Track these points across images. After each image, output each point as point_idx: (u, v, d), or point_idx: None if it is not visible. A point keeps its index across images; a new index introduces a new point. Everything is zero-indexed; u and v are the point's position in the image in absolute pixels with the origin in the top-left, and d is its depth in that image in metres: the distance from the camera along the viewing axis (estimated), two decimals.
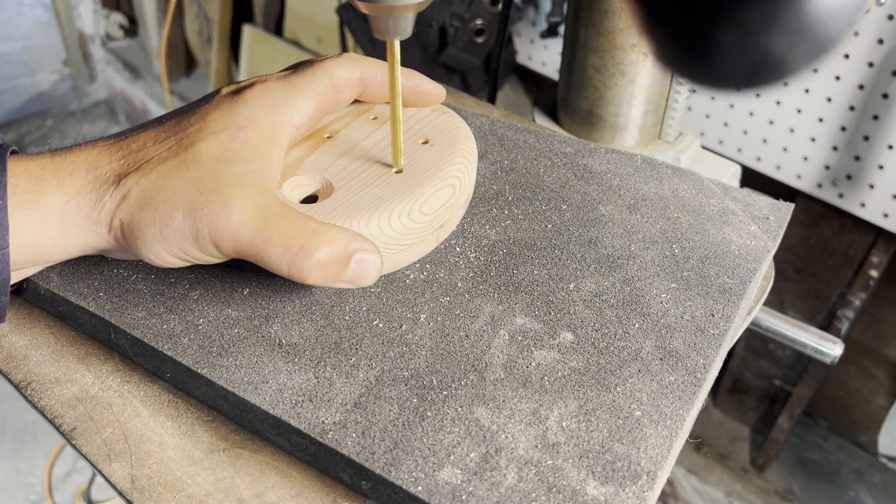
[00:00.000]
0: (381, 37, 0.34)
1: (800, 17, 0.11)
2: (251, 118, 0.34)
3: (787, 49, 0.12)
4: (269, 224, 0.31)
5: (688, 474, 1.23)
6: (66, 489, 1.35)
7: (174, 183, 0.32)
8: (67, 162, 0.33)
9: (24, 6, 2.03)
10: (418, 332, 0.35)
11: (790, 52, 0.12)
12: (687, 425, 0.32)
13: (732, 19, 0.12)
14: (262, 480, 0.32)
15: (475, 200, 0.43)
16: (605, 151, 0.47)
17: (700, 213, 0.42)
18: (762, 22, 0.11)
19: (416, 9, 0.33)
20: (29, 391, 0.35)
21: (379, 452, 0.30)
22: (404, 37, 0.34)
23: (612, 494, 0.29)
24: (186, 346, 0.34)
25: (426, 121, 0.41)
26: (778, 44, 0.12)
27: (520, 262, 0.39)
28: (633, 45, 0.55)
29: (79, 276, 0.38)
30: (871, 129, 0.83)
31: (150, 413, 0.34)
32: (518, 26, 1.07)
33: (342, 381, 0.33)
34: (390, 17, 0.33)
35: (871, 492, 1.17)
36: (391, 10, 0.33)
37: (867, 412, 1.15)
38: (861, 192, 0.88)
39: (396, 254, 0.36)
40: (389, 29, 0.33)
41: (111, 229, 0.32)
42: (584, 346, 0.34)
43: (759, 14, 0.11)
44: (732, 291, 0.37)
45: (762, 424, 1.25)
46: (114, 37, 2.11)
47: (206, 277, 0.37)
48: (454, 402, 0.32)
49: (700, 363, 0.34)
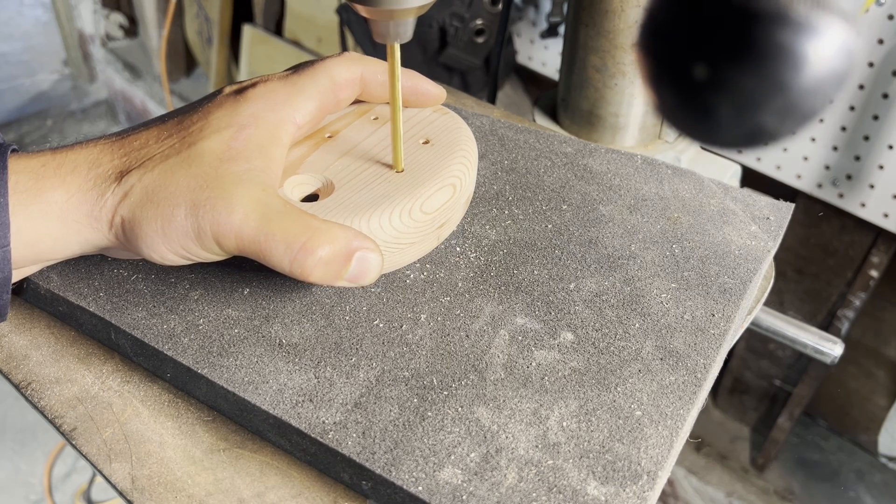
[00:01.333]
0: (381, 40, 0.34)
1: (788, 99, 0.14)
2: (254, 117, 0.34)
3: (777, 123, 0.14)
4: (272, 221, 0.31)
5: (688, 474, 1.23)
6: (66, 489, 1.35)
7: (176, 180, 0.32)
8: (69, 159, 0.33)
9: (24, 6, 2.03)
10: (418, 332, 0.35)
11: (780, 125, 0.14)
12: (687, 425, 0.32)
13: (730, 100, 0.14)
14: (263, 480, 0.32)
15: (475, 200, 0.43)
16: (605, 151, 0.47)
17: (700, 213, 0.42)
18: (755, 103, 0.14)
19: (417, 12, 0.33)
20: (29, 391, 0.35)
21: (379, 452, 0.30)
22: (404, 40, 0.34)
23: (612, 494, 0.29)
24: (187, 346, 0.34)
25: (426, 121, 0.41)
26: (769, 120, 0.14)
27: (520, 262, 0.39)
28: (634, 44, 0.55)
29: (79, 276, 0.38)
30: (871, 129, 0.83)
31: (151, 413, 0.34)
32: (518, 26, 1.07)
33: (342, 381, 0.33)
34: (390, 21, 0.33)
35: (871, 492, 1.17)
36: (391, 15, 0.32)
37: (867, 412, 1.15)
38: (861, 192, 0.88)
39: (397, 253, 0.36)
40: (390, 33, 0.33)
41: (112, 226, 0.32)
42: (584, 346, 0.34)
43: (753, 96, 0.14)
44: (733, 291, 0.37)
45: (762, 424, 1.25)
46: (114, 37, 2.11)
47: (207, 277, 0.37)
48: (454, 402, 0.32)
49: (700, 363, 0.34)
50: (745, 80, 0.14)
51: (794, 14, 0.13)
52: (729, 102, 0.14)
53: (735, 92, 0.14)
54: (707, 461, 1.25)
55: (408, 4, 0.32)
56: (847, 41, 0.13)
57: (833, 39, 0.13)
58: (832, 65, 0.13)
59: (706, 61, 0.14)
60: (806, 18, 0.13)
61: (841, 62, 0.14)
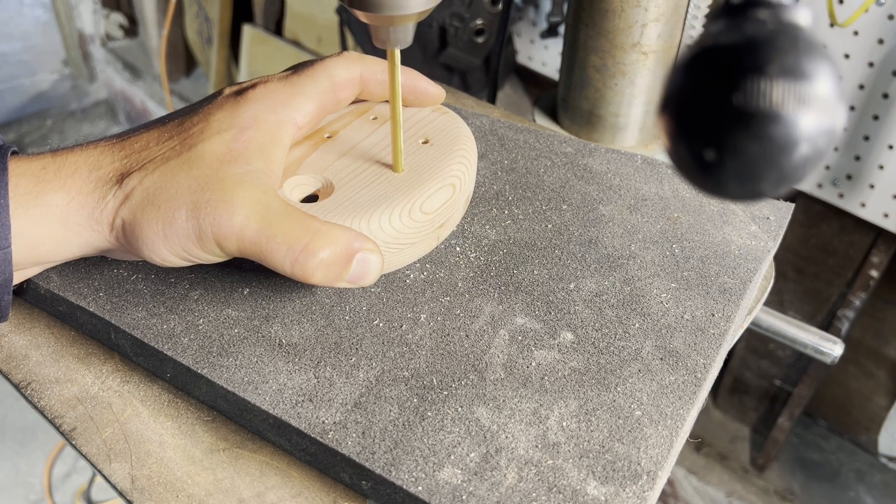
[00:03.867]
0: (381, 46, 0.34)
1: (781, 173, 0.18)
2: (254, 118, 0.34)
3: (773, 188, 0.18)
4: (273, 223, 0.31)
5: (688, 474, 1.23)
6: (66, 489, 1.35)
7: (177, 182, 0.32)
8: (69, 162, 0.33)
9: (24, 6, 2.03)
10: (418, 331, 0.35)
11: (775, 190, 0.18)
12: (687, 425, 0.32)
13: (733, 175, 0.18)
14: (262, 480, 0.32)
15: (475, 200, 0.43)
16: (605, 151, 0.47)
17: (700, 213, 0.42)
18: (754, 177, 0.18)
19: (417, 18, 0.32)
20: (29, 391, 0.35)
21: (379, 452, 0.30)
22: (405, 46, 0.34)
23: (612, 494, 0.29)
24: (186, 346, 0.34)
25: (426, 121, 0.41)
26: (766, 187, 0.18)
27: (520, 262, 0.39)
28: (634, 44, 0.55)
29: (79, 276, 0.38)
30: (871, 129, 0.83)
31: (150, 413, 0.34)
32: (518, 26, 1.07)
33: (342, 381, 0.33)
34: (391, 27, 0.33)
35: (871, 492, 1.17)
36: (392, 21, 0.32)
37: (867, 412, 1.15)
38: (861, 192, 0.88)
39: (397, 253, 0.36)
40: (390, 38, 0.33)
41: (113, 229, 0.32)
42: (584, 345, 0.34)
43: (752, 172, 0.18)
44: (733, 291, 0.37)
45: (762, 424, 1.25)
46: (114, 37, 2.11)
47: (206, 277, 0.37)
48: (454, 401, 0.32)
49: (700, 363, 0.34)
50: (745, 161, 0.18)
51: (784, 112, 0.17)
52: (732, 176, 0.18)
53: (737, 169, 0.18)
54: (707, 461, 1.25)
55: (408, 10, 0.32)
56: (829, 125, 0.17)
57: (816, 127, 0.17)
58: (817, 144, 0.17)
59: (714, 146, 0.18)
60: (794, 116, 0.17)
61: (825, 141, 0.17)
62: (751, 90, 0.17)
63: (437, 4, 0.33)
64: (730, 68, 0.17)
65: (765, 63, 0.17)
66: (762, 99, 0.17)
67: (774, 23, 0.18)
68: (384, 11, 0.31)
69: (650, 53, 0.55)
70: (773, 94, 0.17)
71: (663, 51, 0.56)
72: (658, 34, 0.54)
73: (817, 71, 0.17)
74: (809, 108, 0.17)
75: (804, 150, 0.17)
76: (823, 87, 0.17)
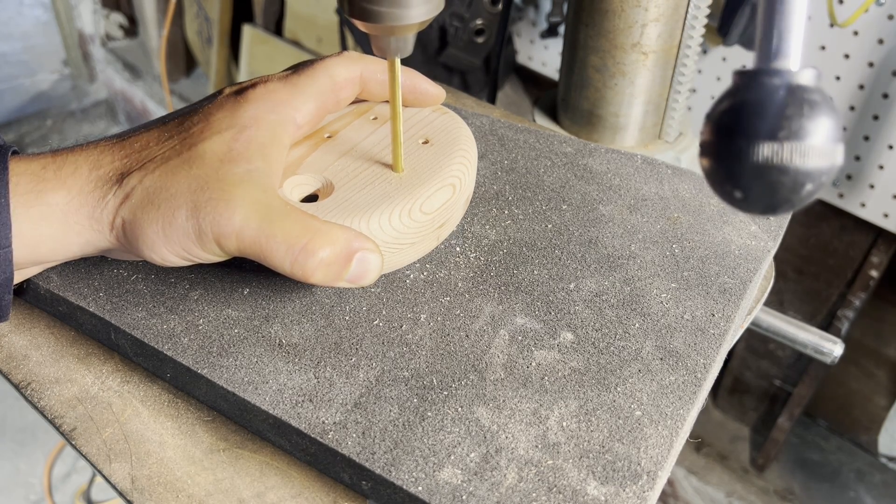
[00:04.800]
0: (381, 55, 0.34)
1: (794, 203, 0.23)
2: (254, 118, 0.34)
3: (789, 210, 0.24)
4: (273, 223, 0.31)
5: (688, 474, 1.23)
6: (66, 489, 1.35)
7: (177, 182, 0.32)
8: (69, 161, 0.33)
9: (24, 6, 2.03)
10: (418, 332, 0.35)
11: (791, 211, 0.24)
12: (687, 425, 0.32)
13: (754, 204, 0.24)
14: (262, 480, 0.32)
15: (475, 200, 0.43)
16: (605, 151, 0.47)
17: (700, 213, 0.42)
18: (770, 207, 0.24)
19: (418, 28, 0.32)
20: (29, 391, 0.35)
21: (379, 452, 0.30)
22: (405, 55, 0.34)
23: (612, 494, 0.29)
24: (186, 347, 0.34)
25: (426, 121, 0.41)
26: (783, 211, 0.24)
27: (520, 262, 0.39)
28: (634, 44, 0.55)
29: (79, 276, 0.38)
30: (871, 129, 0.83)
31: (150, 413, 0.34)
32: (518, 26, 1.07)
33: (342, 381, 0.33)
34: (391, 37, 0.33)
35: (871, 492, 1.17)
36: (392, 31, 0.32)
37: (867, 412, 1.15)
38: (861, 192, 0.88)
39: (396, 253, 0.36)
40: (390, 48, 0.33)
41: (113, 228, 0.32)
42: (584, 345, 0.34)
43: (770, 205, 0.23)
44: (732, 291, 0.37)
45: (762, 424, 1.25)
46: (114, 37, 2.11)
47: (206, 277, 0.37)
48: (454, 402, 0.32)
49: (700, 363, 0.34)
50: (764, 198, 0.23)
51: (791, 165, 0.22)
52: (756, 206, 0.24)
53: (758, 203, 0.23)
54: (707, 461, 1.25)
55: (409, 21, 0.31)
56: (829, 166, 0.22)
57: (818, 170, 0.22)
58: (820, 180, 0.23)
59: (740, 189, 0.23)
60: (799, 166, 0.22)
61: (827, 177, 0.23)
62: (765, 153, 0.22)
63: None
64: (748, 134, 0.22)
65: (776, 130, 0.22)
66: (774, 158, 0.22)
67: (784, 88, 0.23)
68: (385, 22, 0.31)
69: (650, 53, 0.55)
70: (783, 154, 0.22)
71: (663, 51, 0.56)
72: (658, 34, 0.55)
73: (818, 129, 0.22)
74: (812, 158, 0.22)
75: (809, 187, 0.23)
76: (823, 140, 0.22)
